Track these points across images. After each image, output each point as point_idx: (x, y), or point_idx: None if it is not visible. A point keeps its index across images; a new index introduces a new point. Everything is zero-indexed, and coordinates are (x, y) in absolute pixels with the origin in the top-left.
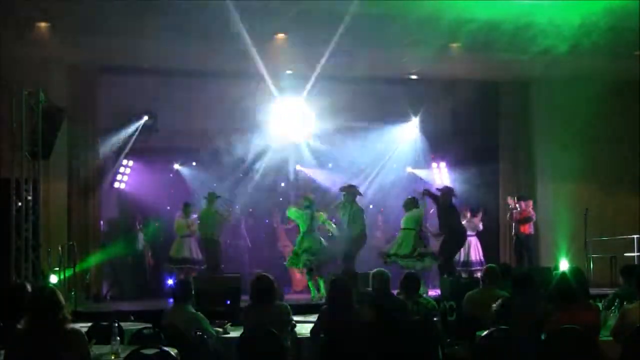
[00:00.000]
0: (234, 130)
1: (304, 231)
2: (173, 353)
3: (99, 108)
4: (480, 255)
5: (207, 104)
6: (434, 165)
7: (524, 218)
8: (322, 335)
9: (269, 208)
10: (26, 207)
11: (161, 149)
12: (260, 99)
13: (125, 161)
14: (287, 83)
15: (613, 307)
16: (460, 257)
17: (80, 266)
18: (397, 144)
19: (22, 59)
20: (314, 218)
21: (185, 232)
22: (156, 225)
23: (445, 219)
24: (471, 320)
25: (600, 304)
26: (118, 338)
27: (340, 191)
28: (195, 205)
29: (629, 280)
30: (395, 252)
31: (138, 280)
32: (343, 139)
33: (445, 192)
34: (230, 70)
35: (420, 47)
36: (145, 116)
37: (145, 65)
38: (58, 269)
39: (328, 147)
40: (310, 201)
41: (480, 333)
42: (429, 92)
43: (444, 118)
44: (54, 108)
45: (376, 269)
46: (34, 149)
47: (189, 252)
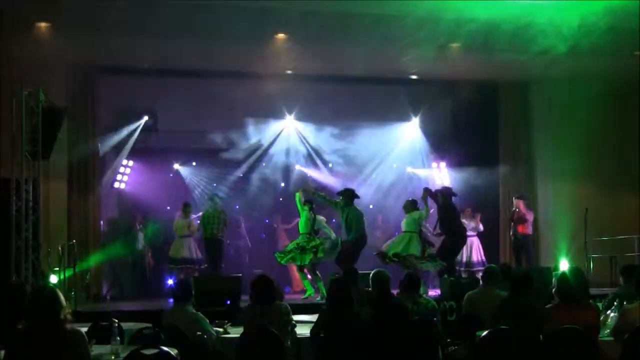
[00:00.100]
0: (233, 130)
1: (303, 232)
2: (173, 353)
3: (99, 108)
4: (481, 256)
5: (207, 104)
6: (434, 165)
7: (519, 218)
8: (322, 335)
9: (269, 208)
10: (26, 207)
11: (161, 149)
12: (261, 99)
13: (125, 161)
14: (287, 83)
15: (613, 307)
16: (463, 258)
17: (80, 266)
18: (397, 144)
19: (22, 59)
20: (315, 220)
21: (184, 232)
22: (156, 225)
23: (445, 219)
24: (471, 320)
25: (600, 304)
26: (118, 338)
27: (338, 195)
28: (195, 205)
29: (629, 280)
30: (399, 252)
31: (138, 280)
32: (343, 139)
33: (445, 193)
34: (230, 70)
35: (420, 47)
36: (145, 116)
37: (145, 65)
38: (58, 269)
39: (328, 147)
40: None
41: (480, 333)
42: (429, 92)
43: (444, 118)
44: (54, 108)
45: (376, 269)
46: (34, 149)
47: (188, 252)
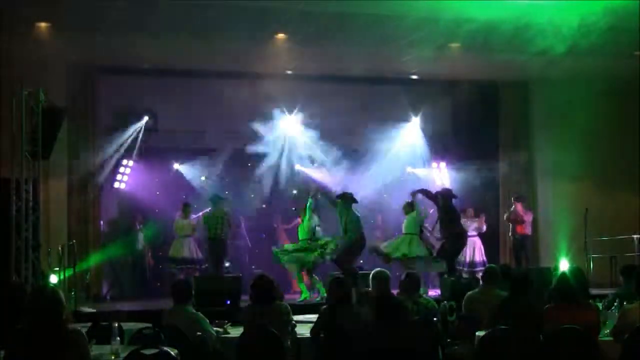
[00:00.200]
0: (233, 130)
1: (303, 238)
2: (173, 353)
3: (99, 108)
4: (483, 256)
5: (207, 104)
6: (434, 165)
7: (515, 219)
8: (322, 335)
9: (269, 208)
10: (26, 207)
11: (161, 149)
12: (261, 99)
13: (125, 161)
14: (287, 83)
15: (613, 307)
16: (467, 258)
17: (80, 266)
18: (397, 144)
19: (22, 59)
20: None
21: (185, 232)
22: (156, 225)
23: (445, 221)
24: (471, 320)
25: (600, 304)
26: (118, 338)
27: (336, 199)
28: (194, 205)
29: (629, 280)
30: (407, 254)
31: (138, 280)
32: (343, 139)
33: (445, 194)
34: (230, 70)
35: (420, 47)
36: (146, 116)
37: (145, 65)
38: (58, 269)
39: (328, 147)
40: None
41: (480, 333)
42: (429, 92)
43: (444, 118)
44: (54, 108)
45: (376, 269)
46: (34, 149)
47: (188, 252)
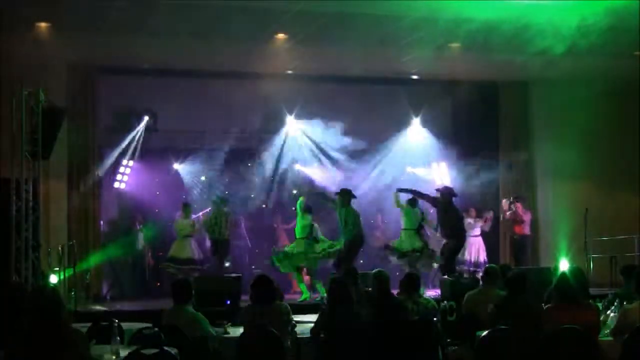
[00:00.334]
0: (234, 130)
1: (300, 237)
2: (173, 353)
3: (99, 108)
4: (485, 256)
5: (207, 104)
6: (434, 164)
7: (514, 219)
8: (322, 335)
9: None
10: (26, 207)
11: (161, 149)
12: (261, 99)
13: (125, 161)
14: (287, 83)
15: (613, 307)
16: (472, 258)
17: (80, 266)
18: (397, 144)
19: (22, 59)
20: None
21: (186, 232)
22: (155, 225)
23: (445, 220)
24: (471, 320)
25: (600, 304)
26: (118, 338)
27: (335, 195)
28: (195, 205)
29: (629, 280)
30: (415, 248)
31: (138, 280)
32: (343, 139)
33: (445, 192)
34: (230, 70)
35: (420, 47)
36: (146, 116)
37: (145, 65)
38: (58, 269)
39: (327, 147)
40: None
41: (480, 333)
42: (429, 92)
43: (444, 118)
44: (54, 108)
45: (376, 269)
46: (34, 149)
47: (191, 253)
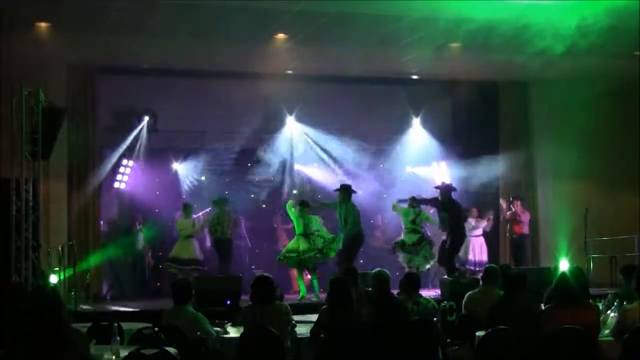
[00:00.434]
0: (234, 130)
1: (299, 233)
2: (173, 353)
3: (99, 108)
4: (486, 256)
5: (207, 104)
6: (434, 164)
7: (513, 219)
8: (322, 335)
9: (269, 208)
10: (26, 207)
11: (161, 149)
12: (261, 99)
13: (125, 161)
14: (287, 83)
15: (613, 307)
16: (475, 257)
17: (80, 266)
18: (397, 144)
19: (22, 59)
20: (309, 222)
21: (188, 232)
22: (155, 225)
23: (445, 218)
24: (471, 320)
25: (600, 304)
26: (118, 338)
27: (335, 191)
28: (195, 205)
29: (629, 280)
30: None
31: (138, 280)
32: (343, 139)
33: (444, 189)
34: (230, 70)
35: (420, 47)
36: (146, 116)
37: (145, 65)
38: (58, 269)
39: (327, 147)
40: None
41: (480, 333)
42: (429, 92)
43: (444, 118)
44: (54, 108)
45: (376, 269)
46: (34, 149)
47: (193, 253)
